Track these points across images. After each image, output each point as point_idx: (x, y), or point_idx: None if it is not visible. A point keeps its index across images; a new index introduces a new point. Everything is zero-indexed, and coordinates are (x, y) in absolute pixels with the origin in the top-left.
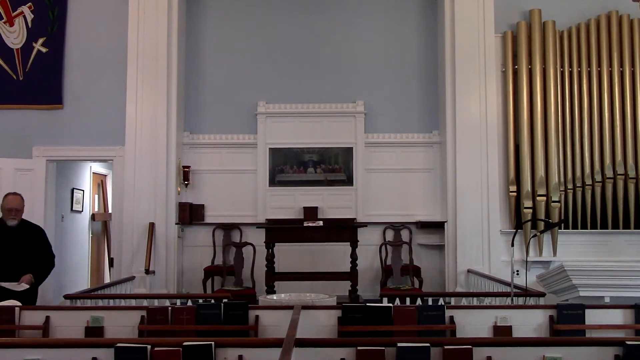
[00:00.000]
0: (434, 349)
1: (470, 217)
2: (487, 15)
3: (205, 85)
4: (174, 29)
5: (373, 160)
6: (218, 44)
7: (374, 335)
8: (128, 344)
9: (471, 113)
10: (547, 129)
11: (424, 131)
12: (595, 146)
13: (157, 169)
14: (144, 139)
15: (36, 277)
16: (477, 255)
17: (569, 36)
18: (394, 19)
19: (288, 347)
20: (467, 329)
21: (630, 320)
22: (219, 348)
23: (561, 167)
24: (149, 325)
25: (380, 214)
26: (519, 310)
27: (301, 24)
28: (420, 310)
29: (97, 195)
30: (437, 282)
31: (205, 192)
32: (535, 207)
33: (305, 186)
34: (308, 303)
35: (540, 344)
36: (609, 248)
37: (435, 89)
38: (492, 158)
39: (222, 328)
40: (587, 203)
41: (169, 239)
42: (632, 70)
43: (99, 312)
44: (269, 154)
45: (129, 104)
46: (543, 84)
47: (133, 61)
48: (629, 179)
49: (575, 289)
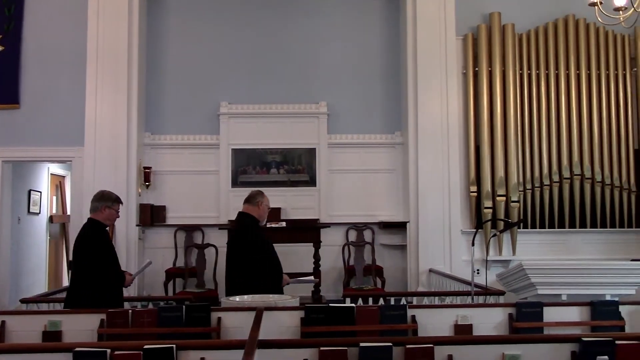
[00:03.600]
0: (396, 348)
1: (431, 217)
2: (448, 18)
3: (166, 86)
4: (135, 28)
5: (336, 161)
6: (180, 43)
7: (337, 335)
8: (87, 348)
9: (433, 114)
10: (507, 130)
11: (387, 132)
12: (553, 147)
13: (117, 170)
14: (103, 139)
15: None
16: (439, 255)
17: (527, 39)
18: (357, 21)
19: (250, 348)
20: (429, 328)
21: (586, 317)
22: (180, 351)
23: (520, 167)
24: (108, 329)
25: (343, 214)
26: (479, 309)
27: (264, 24)
28: (382, 310)
29: (56, 197)
30: (400, 281)
31: (166, 194)
32: (495, 207)
33: (268, 187)
34: (271, 304)
35: (499, 341)
36: (566, 247)
37: (397, 91)
38: (453, 159)
39: (184, 330)
40: (545, 203)
41: (129, 241)
42: (588, 73)
43: (57, 316)
44: (231, 154)
45: (89, 104)
46: (503, 86)
47: (93, 60)
48: (585, 179)
49: (533, 287)
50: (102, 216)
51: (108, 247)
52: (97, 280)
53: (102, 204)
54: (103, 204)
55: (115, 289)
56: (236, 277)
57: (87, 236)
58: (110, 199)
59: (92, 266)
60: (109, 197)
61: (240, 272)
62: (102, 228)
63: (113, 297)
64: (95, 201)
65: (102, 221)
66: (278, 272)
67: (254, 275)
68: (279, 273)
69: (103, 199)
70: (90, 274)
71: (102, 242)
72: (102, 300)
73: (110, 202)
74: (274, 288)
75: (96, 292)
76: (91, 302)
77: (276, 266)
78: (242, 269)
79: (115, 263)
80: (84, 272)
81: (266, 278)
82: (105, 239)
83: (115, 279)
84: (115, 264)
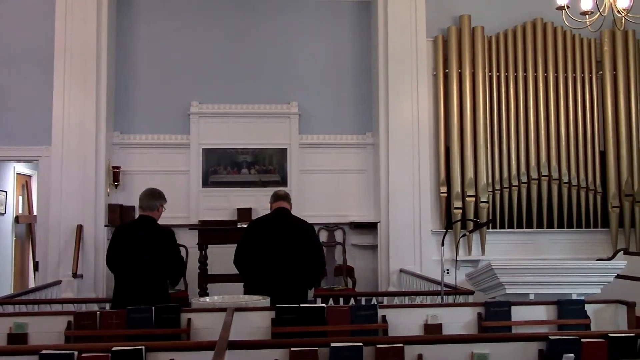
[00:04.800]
0: (367, 348)
1: (402, 217)
2: (419, 20)
3: (136, 84)
4: (104, 26)
5: (307, 161)
6: (150, 42)
7: (308, 335)
8: (53, 350)
9: (403, 115)
10: (476, 131)
11: (358, 133)
12: (522, 148)
13: (86, 170)
14: (71, 138)
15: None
16: (409, 255)
17: (497, 42)
18: (329, 21)
19: (221, 349)
20: (399, 328)
21: (553, 316)
22: (149, 352)
23: (489, 168)
24: (76, 331)
25: (314, 214)
26: (448, 308)
27: (235, 24)
28: (353, 310)
29: (22, 197)
30: (371, 281)
31: (136, 194)
32: (465, 207)
33: (239, 187)
34: (241, 305)
35: (468, 340)
36: (535, 247)
37: (368, 91)
38: (423, 160)
39: (154, 332)
40: (513, 203)
41: (97, 242)
42: (555, 75)
43: (23, 318)
44: (202, 154)
45: (56, 102)
46: (472, 88)
47: (60, 58)
48: (552, 180)
49: (502, 286)
50: (157, 214)
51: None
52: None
53: (159, 203)
54: (159, 202)
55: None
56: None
57: (170, 233)
58: (164, 198)
59: (181, 261)
60: (162, 196)
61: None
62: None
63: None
64: (149, 200)
65: (156, 219)
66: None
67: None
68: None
69: (160, 197)
70: (181, 269)
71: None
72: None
73: (164, 200)
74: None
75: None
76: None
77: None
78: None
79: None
80: (175, 268)
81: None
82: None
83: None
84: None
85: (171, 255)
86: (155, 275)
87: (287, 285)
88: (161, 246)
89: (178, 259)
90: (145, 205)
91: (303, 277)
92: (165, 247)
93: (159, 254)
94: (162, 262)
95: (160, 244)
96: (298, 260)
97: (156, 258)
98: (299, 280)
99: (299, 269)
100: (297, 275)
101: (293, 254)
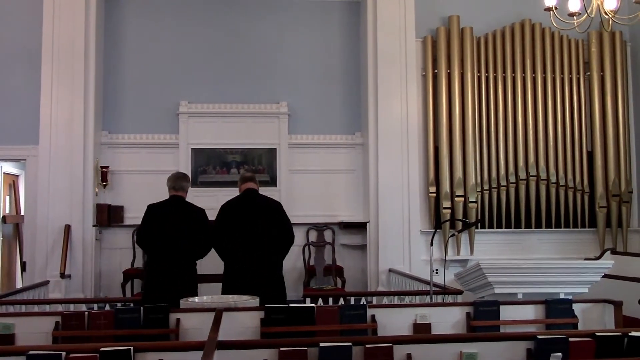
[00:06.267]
0: (356, 348)
1: (391, 217)
2: (408, 20)
3: (125, 84)
4: (92, 25)
5: (296, 161)
6: (138, 41)
7: (297, 335)
8: (41, 351)
9: (392, 115)
10: (465, 131)
11: (347, 133)
12: (510, 149)
13: (74, 170)
14: (59, 138)
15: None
16: (398, 255)
17: (485, 42)
18: (318, 21)
19: (209, 349)
20: (388, 328)
21: (541, 315)
22: (138, 353)
23: (478, 168)
24: (63, 332)
25: (303, 214)
26: (437, 308)
27: (224, 23)
28: (342, 310)
29: (9, 197)
30: (360, 281)
31: (124, 193)
32: (454, 207)
33: (229, 187)
34: (230, 305)
35: (457, 340)
36: (523, 246)
37: (357, 91)
38: (412, 160)
39: (142, 332)
40: (502, 203)
41: (85, 242)
42: (543, 76)
43: (10, 318)
44: (191, 154)
45: (44, 101)
46: (461, 88)
47: (48, 57)
48: (540, 180)
49: (490, 286)
50: (185, 195)
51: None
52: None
53: (188, 185)
54: (189, 184)
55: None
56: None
57: (201, 212)
58: (190, 181)
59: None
60: (189, 179)
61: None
62: None
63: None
64: (181, 181)
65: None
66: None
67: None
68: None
69: (188, 180)
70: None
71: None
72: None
73: (190, 184)
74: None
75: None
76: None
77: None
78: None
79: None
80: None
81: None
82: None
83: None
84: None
85: (200, 234)
86: (186, 252)
87: (262, 260)
88: (192, 225)
89: (206, 238)
90: (179, 186)
91: (276, 251)
92: (195, 226)
93: (190, 233)
94: (192, 240)
95: (192, 223)
96: (270, 236)
97: (187, 235)
98: (272, 255)
99: (271, 243)
100: (269, 250)
101: (265, 230)
